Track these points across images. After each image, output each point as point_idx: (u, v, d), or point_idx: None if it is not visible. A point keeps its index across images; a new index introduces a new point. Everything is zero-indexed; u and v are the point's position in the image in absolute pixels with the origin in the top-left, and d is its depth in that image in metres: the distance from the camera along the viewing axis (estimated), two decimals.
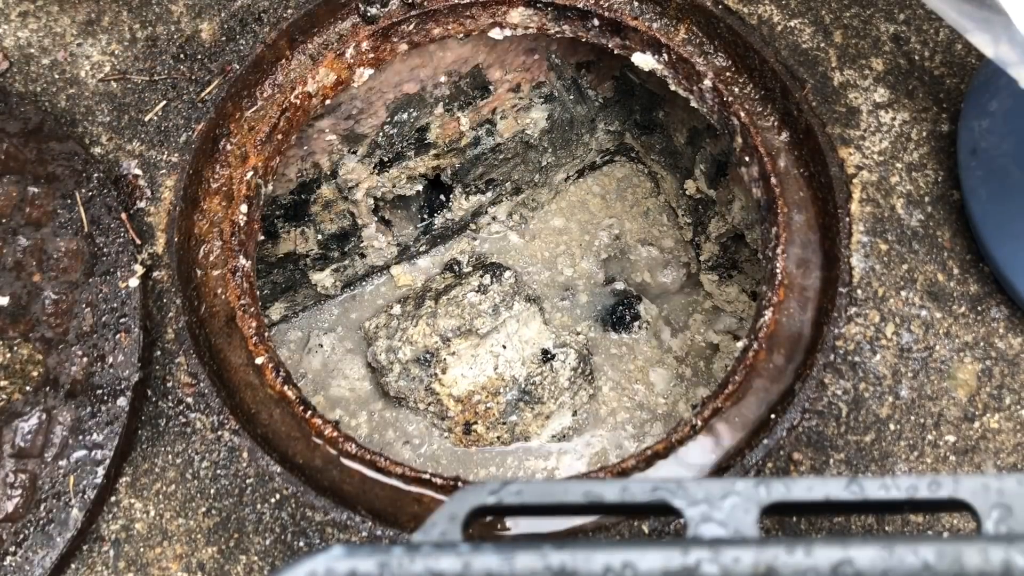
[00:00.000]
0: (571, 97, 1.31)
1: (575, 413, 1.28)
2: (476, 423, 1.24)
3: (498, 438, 1.25)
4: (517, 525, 0.78)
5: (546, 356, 1.29)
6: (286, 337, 1.36)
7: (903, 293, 0.84)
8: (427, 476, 0.79)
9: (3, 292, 0.81)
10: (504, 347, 1.27)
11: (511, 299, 1.29)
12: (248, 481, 0.77)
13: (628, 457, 0.81)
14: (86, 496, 0.73)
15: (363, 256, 1.37)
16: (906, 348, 0.82)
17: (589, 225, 1.45)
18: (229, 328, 0.86)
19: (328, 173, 1.21)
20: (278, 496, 0.77)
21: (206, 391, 0.80)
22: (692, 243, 1.40)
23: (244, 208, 0.90)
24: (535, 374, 1.27)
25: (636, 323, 1.35)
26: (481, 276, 1.31)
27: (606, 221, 1.45)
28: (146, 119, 0.92)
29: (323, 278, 1.34)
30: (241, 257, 0.88)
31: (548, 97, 1.28)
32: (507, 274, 1.31)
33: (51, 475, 0.74)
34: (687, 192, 1.32)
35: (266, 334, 0.86)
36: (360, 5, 0.99)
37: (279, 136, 0.96)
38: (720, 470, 0.81)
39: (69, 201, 0.85)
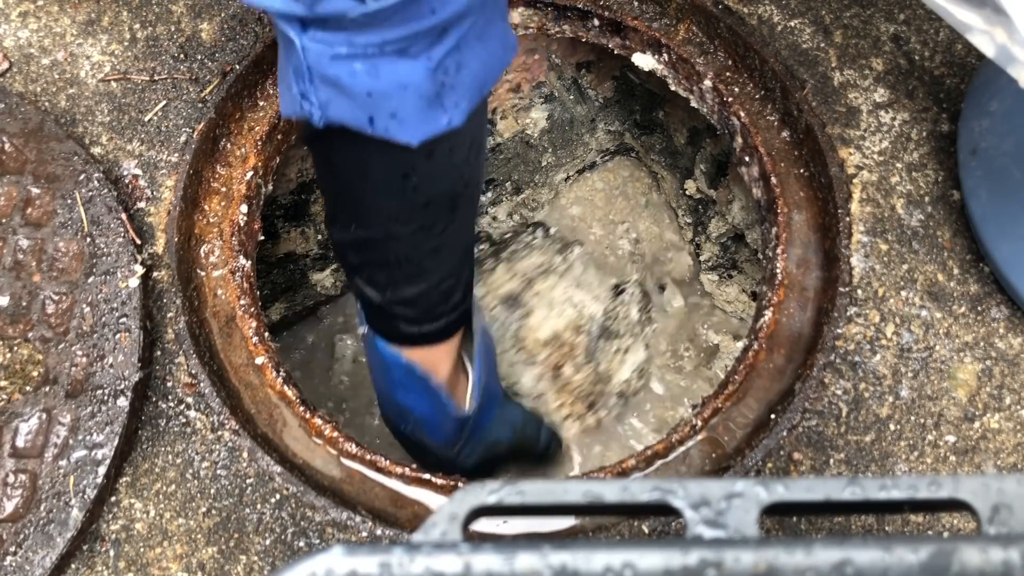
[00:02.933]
0: (571, 97, 1.31)
1: (647, 346, 1.30)
2: (564, 365, 1.25)
3: (586, 378, 1.25)
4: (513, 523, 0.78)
5: (617, 289, 1.31)
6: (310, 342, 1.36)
7: (903, 293, 0.84)
8: (427, 476, 0.79)
9: (3, 292, 0.81)
10: (577, 286, 1.30)
11: (567, 245, 1.32)
12: (248, 481, 0.77)
13: (628, 457, 0.82)
14: (86, 496, 0.73)
15: None
16: (906, 348, 0.82)
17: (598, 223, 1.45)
18: (229, 328, 0.86)
19: None
20: (278, 496, 0.77)
21: (206, 391, 0.80)
22: (692, 243, 1.40)
23: (244, 208, 0.90)
24: (610, 309, 1.29)
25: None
26: (532, 231, 1.34)
27: (615, 218, 1.45)
28: (146, 119, 0.92)
29: (323, 278, 1.34)
30: (241, 257, 0.88)
31: (548, 97, 1.28)
32: (552, 228, 1.35)
33: (51, 475, 0.74)
34: (687, 192, 1.32)
35: (265, 333, 0.86)
36: None
37: (279, 136, 0.96)
38: (720, 470, 0.81)
39: (69, 201, 0.85)
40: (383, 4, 0.50)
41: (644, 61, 1.01)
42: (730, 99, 0.95)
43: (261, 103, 0.96)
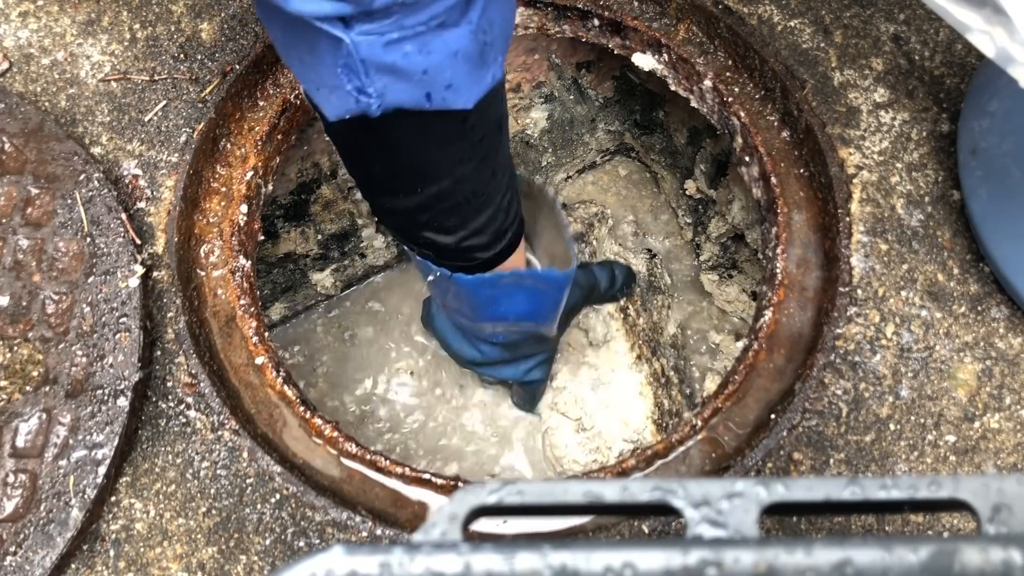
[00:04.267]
0: (571, 97, 1.31)
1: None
2: (628, 307, 1.30)
3: (646, 324, 1.30)
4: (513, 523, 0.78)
5: (651, 253, 1.39)
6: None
7: (903, 293, 0.84)
8: (427, 476, 0.79)
9: (3, 292, 0.81)
10: (619, 245, 1.38)
11: (592, 218, 1.39)
12: (248, 481, 0.77)
13: (628, 457, 0.82)
14: (86, 496, 0.73)
15: (363, 256, 1.37)
16: (906, 348, 0.82)
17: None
18: (229, 328, 0.86)
19: (328, 173, 1.20)
20: (278, 496, 0.77)
21: (206, 391, 0.80)
22: (692, 243, 1.40)
23: (244, 208, 0.90)
24: (651, 267, 1.36)
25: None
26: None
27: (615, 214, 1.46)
28: (146, 119, 0.92)
29: (323, 278, 1.34)
30: (241, 257, 0.88)
31: (548, 97, 1.28)
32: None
33: (51, 475, 0.74)
34: (687, 192, 1.32)
35: (265, 333, 0.86)
36: None
37: (279, 136, 0.96)
38: (720, 470, 0.81)
39: (69, 201, 0.85)
40: None
41: (644, 61, 1.01)
42: (730, 99, 0.95)
43: (261, 103, 0.96)
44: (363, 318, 1.39)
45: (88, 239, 0.83)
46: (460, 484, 0.80)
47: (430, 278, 0.87)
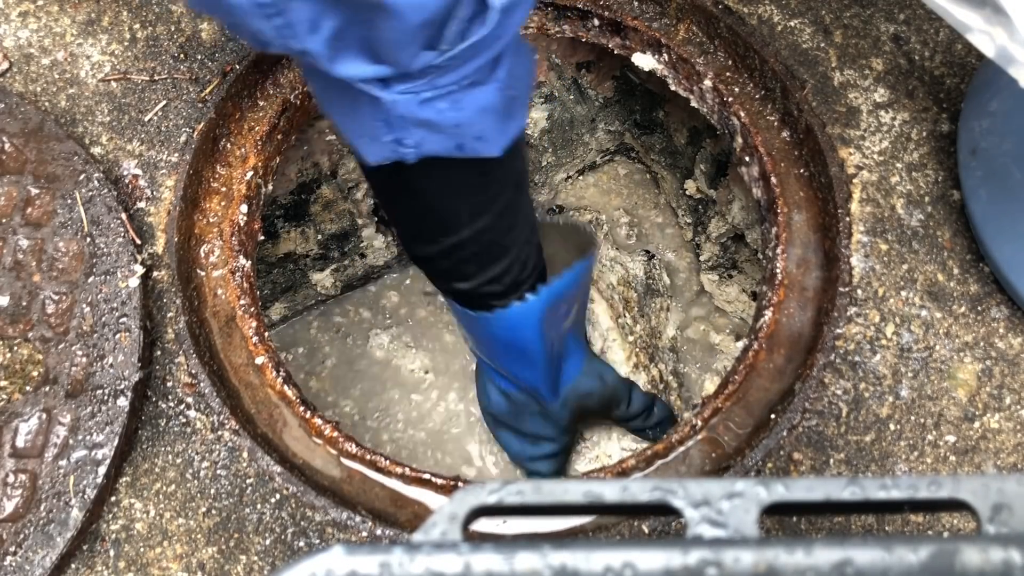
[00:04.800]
0: (571, 97, 1.30)
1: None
2: (624, 316, 1.30)
3: (643, 331, 1.31)
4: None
5: (649, 255, 1.40)
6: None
7: (903, 293, 0.84)
8: (427, 476, 0.79)
9: (3, 292, 0.81)
10: (616, 249, 1.38)
11: (592, 221, 1.41)
12: (248, 481, 0.77)
13: (628, 457, 0.82)
14: (86, 496, 0.73)
15: (363, 256, 1.37)
16: (906, 348, 0.82)
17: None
18: (229, 328, 0.86)
19: (328, 173, 1.20)
20: (278, 496, 0.77)
21: (206, 391, 0.80)
22: (692, 243, 1.40)
23: (244, 208, 0.90)
24: (649, 270, 1.37)
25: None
26: (554, 213, 1.43)
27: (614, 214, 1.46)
28: (146, 119, 0.92)
29: (323, 278, 1.34)
30: (241, 257, 0.88)
31: (548, 97, 1.28)
32: (570, 212, 1.43)
33: (51, 475, 0.74)
34: (687, 192, 1.32)
35: (265, 333, 0.86)
36: None
37: (279, 136, 0.96)
38: (720, 470, 0.81)
39: (69, 201, 0.85)
40: (458, 49, 0.58)
41: (644, 61, 1.01)
42: (730, 99, 0.95)
43: (261, 103, 0.96)
44: (364, 317, 1.39)
45: (88, 239, 0.83)
46: (460, 484, 0.80)
47: (457, 318, 0.93)
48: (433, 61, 0.58)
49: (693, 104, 1.01)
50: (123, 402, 0.77)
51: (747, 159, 0.95)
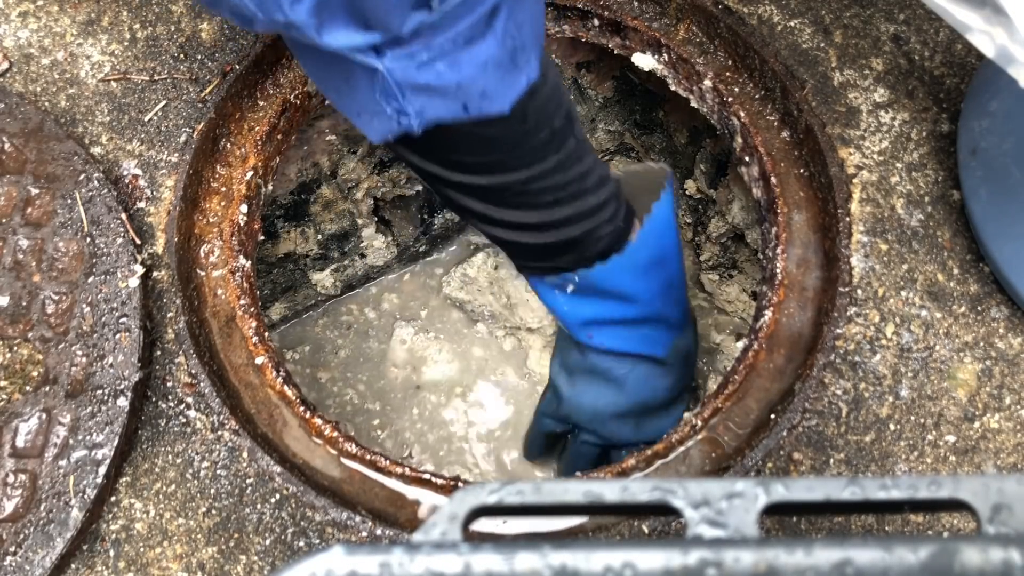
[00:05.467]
0: (571, 97, 1.31)
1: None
2: None
3: None
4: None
5: None
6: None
7: (903, 293, 0.84)
8: (427, 476, 0.79)
9: (3, 292, 0.81)
10: None
11: None
12: (248, 481, 0.77)
13: (628, 457, 0.82)
14: (86, 496, 0.73)
15: (363, 256, 1.37)
16: (906, 348, 0.82)
17: None
18: (229, 328, 0.86)
19: (328, 173, 1.20)
20: (278, 496, 0.77)
21: (206, 391, 0.80)
22: (692, 243, 1.39)
23: (244, 208, 0.90)
24: None
25: None
26: None
27: None
28: (146, 119, 0.92)
29: (323, 278, 1.34)
30: (241, 257, 0.88)
31: None
32: None
33: (51, 475, 0.74)
34: (687, 192, 1.32)
35: (265, 333, 0.86)
36: None
37: (279, 136, 0.96)
38: (720, 470, 0.81)
39: (69, 201, 0.85)
40: (451, 3, 0.55)
41: (644, 61, 1.01)
42: (730, 99, 0.95)
43: (261, 103, 0.96)
44: (364, 317, 1.39)
45: (88, 239, 0.83)
46: (460, 484, 0.80)
47: (569, 290, 0.88)
48: (426, 20, 0.55)
49: (693, 104, 1.01)
50: (123, 402, 0.77)
51: (747, 159, 0.95)
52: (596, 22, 1.02)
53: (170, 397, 0.80)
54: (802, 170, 0.92)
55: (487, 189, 0.74)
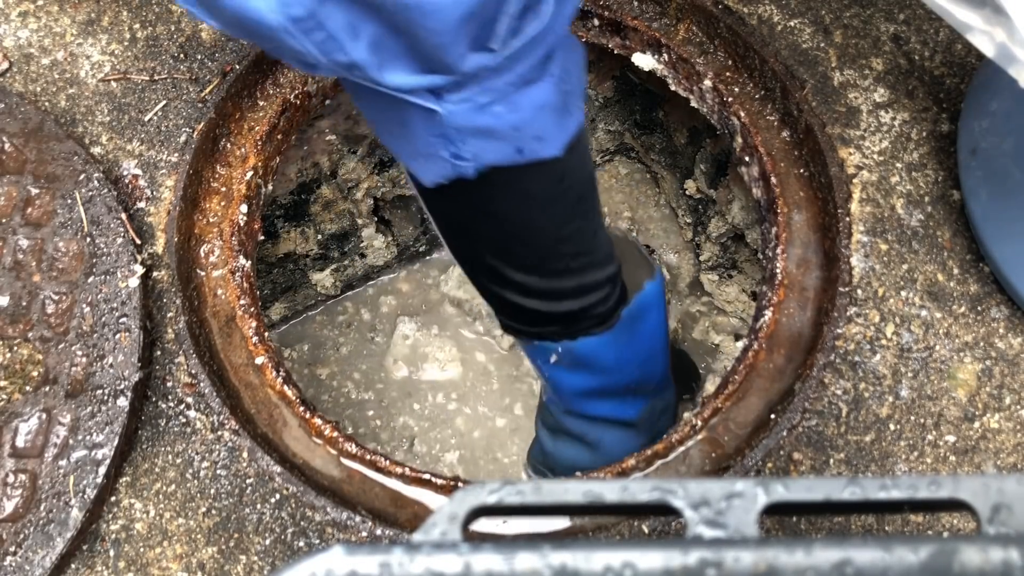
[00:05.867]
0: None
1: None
2: None
3: None
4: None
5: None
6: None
7: (903, 293, 0.84)
8: (427, 476, 0.79)
9: (3, 292, 0.81)
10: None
11: None
12: (248, 481, 0.77)
13: (628, 457, 0.82)
14: (86, 496, 0.73)
15: (363, 256, 1.37)
16: (906, 348, 0.82)
17: None
18: (229, 328, 0.86)
19: (328, 173, 1.20)
20: (278, 496, 0.77)
21: (206, 391, 0.80)
22: (692, 243, 1.39)
23: (244, 208, 0.90)
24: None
25: None
26: None
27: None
28: (146, 119, 0.92)
29: (323, 278, 1.34)
30: (241, 257, 0.88)
31: None
32: None
33: (51, 475, 0.74)
34: (687, 192, 1.32)
35: (265, 333, 0.86)
36: None
37: (279, 136, 0.96)
38: (720, 470, 0.81)
39: (69, 201, 0.85)
40: (513, 47, 0.55)
41: (644, 61, 1.01)
42: (730, 99, 0.95)
43: (261, 103, 0.96)
44: (364, 317, 1.39)
45: (88, 239, 0.83)
46: (460, 484, 0.80)
47: (552, 360, 0.88)
48: (486, 63, 0.56)
49: (693, 104, 1.01)
50: (123, 402, 0.77)
51: (747, 159, 0.95)
52: (596, 22, 1.02)
53: (170, 397, 0.80)
54: (802, 170, 0.92)
55: (507, 246, 0.75)
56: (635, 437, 0.99)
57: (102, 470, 0.74)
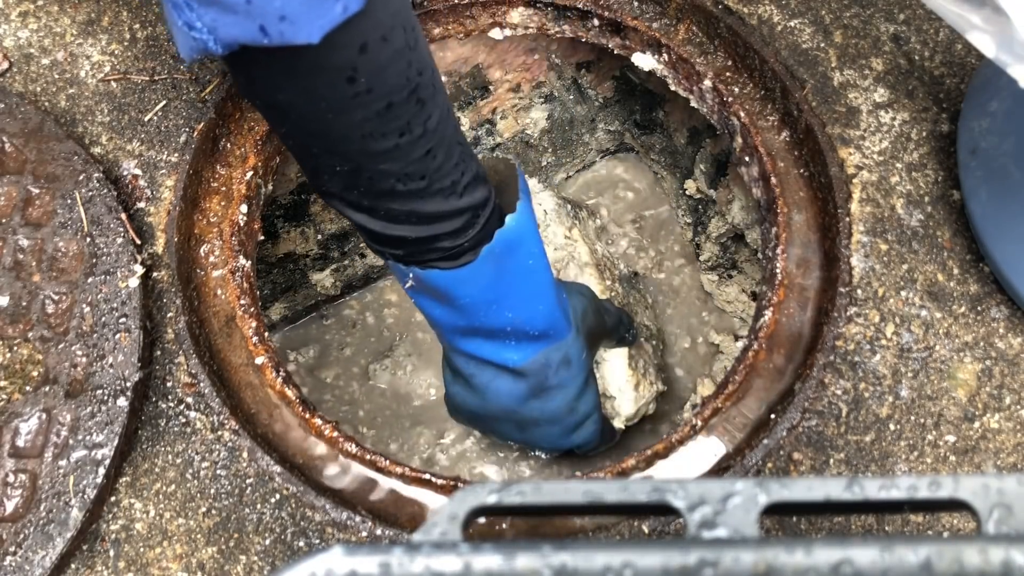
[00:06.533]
0: (571, 97, 1.31)
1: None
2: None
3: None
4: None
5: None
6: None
7: (903, 293, 0.84)
8: (427, 476, 0.79)
9: (3, 292, 0.81)
10: (597, 238, 1.36)
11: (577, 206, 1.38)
12: (248, 481, 0.77)
13: (627, 457, 0.82)
14: (86, 496, 0.73)
15: (363, 256, 1.37)
16: (906, 348, 0.82)
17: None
18: (229, 328, 0.86)
19: None
20: (278, 496, 0.77)
21: (206, 391, 0.80)
22: (692, 243, 1.40)
23: (244, 208, 0.90)
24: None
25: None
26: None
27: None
28: (146, 119, 0.92)
29: (323, 278, 1.34)
30: (241, 257, 0.88)
31: (548, 97, 1.28)
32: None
33: (51, 475, 0.74)
34: (687, 192, 1.32)
35: (265, 333, 0.86)
36: None
37: None
38: (720, 470, 0.81)
39: (69, 201, 0.85)
40: None
41: (644, 61, 1.01)
42: (730, 99, 0.95)
43: None
44: (363, 317, 1.39)
45: (88, 239, 0.83)
46: (460, 484, 0.80)
47: (407, 285, 0.80)
48: None
49: (693, 104, 1.01)
50: (123, 402, 0.77)
51: (747, 159, 0.95)
52: (596, 22, 1.02)
53: (170, 397, 0.80)
54: (802, 170, 0.92)
55: (312, 150, 0.67)
56: (525, 388, 0.89)
57: (102, 470, 0.74)
